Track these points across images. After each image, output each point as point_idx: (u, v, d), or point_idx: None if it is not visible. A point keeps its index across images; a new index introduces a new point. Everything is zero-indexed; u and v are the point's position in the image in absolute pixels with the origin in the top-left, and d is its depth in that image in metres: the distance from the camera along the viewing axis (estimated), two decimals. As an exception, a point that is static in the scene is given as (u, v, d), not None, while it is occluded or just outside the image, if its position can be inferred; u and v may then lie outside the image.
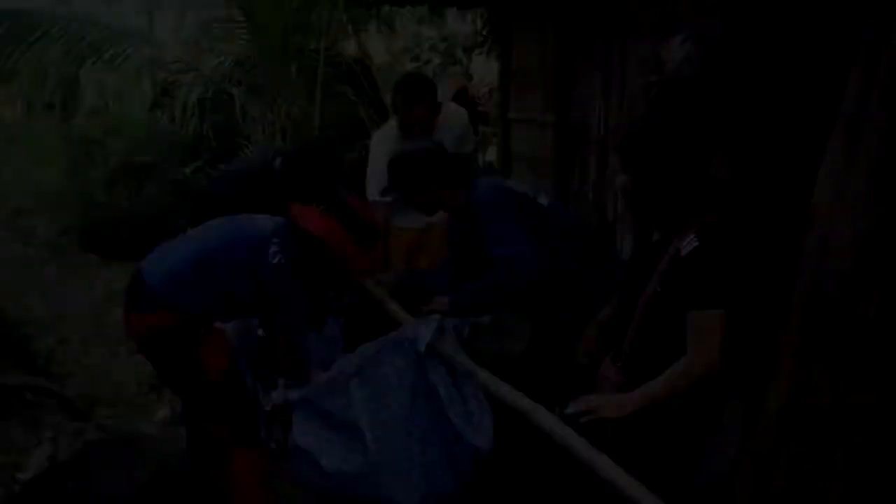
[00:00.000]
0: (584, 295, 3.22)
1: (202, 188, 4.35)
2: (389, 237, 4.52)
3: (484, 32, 9.56)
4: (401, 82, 4.25)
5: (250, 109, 7.02)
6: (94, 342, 5.36)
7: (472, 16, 12.29)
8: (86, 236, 7.33)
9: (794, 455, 2.69)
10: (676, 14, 4.66)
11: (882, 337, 2.45)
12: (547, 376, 3.36)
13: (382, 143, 4.29)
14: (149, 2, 11.03)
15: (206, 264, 3.11)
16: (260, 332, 3.47)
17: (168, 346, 3.09)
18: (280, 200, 3.72)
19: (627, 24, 5.27)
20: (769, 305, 2.63)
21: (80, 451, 2.84)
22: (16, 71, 6.56)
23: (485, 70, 14.52)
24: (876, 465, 2.55)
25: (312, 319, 3.40)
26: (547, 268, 3.23)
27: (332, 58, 7.21)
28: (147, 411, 4.51)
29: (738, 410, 4.23)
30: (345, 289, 3.83)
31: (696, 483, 3.01)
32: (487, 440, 3.51)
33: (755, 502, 2.84)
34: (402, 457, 3.67)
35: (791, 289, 2.83)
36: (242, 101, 7.05)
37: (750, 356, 2.80)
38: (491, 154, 9.76)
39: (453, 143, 4.39)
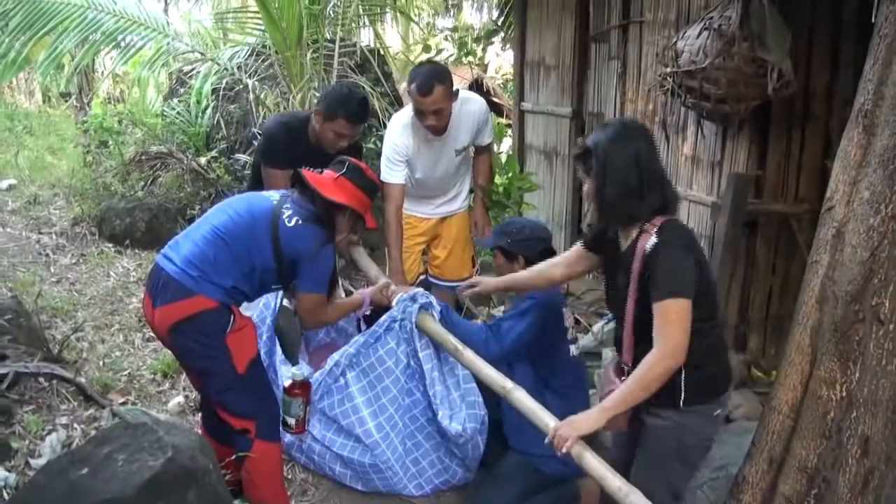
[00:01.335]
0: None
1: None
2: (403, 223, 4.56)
3: (499, 23, 9.53)
4: (415, 69, 4.25)
5: (265, 99, 7.02)
6: (109, 330, 5.39)
7: (487, 6, 12.26)
8: (101, 225, 7.34)
9: (807, 447, 2.68)
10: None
11: (897, 330, 2.44)
12: None
13: (397, 129, 4.33)
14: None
15: (225, 243, 3.13)
16: (285, 301, 3.49)
17: (199, 333, 3.09)
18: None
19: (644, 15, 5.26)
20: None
21: (93, 438, 2.84)
22: (30, 59, 6.57)
23: (500, 61, 14.52)
24: (889, 458, 2.54)
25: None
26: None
27: (348, 48, 7.22)
28: (161, 399, 4.54)
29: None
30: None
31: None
32: (458, 427, 3.55)
33: (768, 494, 2.84)
34: (407, 447, 3.70)
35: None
36: (257, 91, 7.05)
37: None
38: (506, 145, 9.73)
39: (472, 133, 4.42)
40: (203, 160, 7.80)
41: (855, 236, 2.53)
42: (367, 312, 3.74)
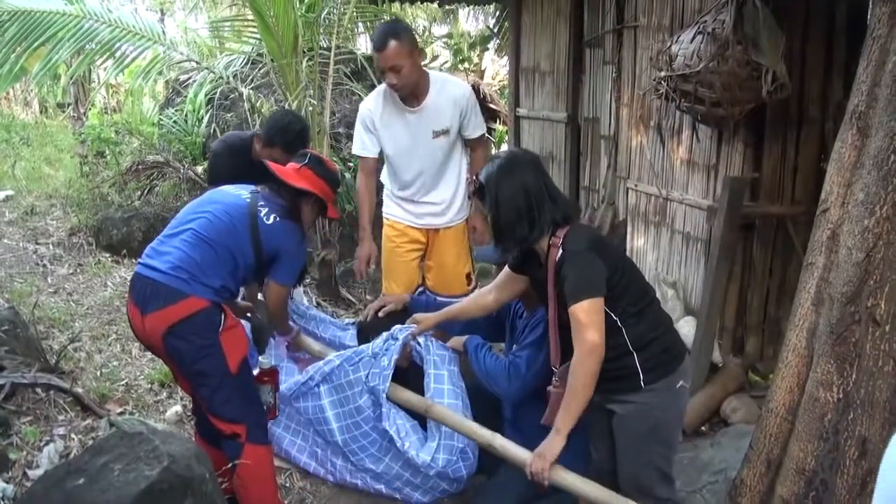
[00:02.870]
0: None
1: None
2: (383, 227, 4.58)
3: (494, 30, 9.55)
4: (377, 28, 4.30)
5: (261, 108, 7.03)
6: (106, 340, 5.38)
7: (483, 13, 12.29)
8: (98, 235, 7.33)
9: (805, 450, 2.68)
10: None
11: (892, 331, 2.43)
12: None
13: (369, 96, 4.36)
14: None
15: (208, 245, 3.17)
16: (259, 296, 3.59)
17: (194, 333, 3.09)
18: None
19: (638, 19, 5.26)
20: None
21: (89, 448, 2.84)
22: (26, 69, 6.57)
23: (496, 67, 14.55)
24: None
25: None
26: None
27: (344, 55, 7.21)
28: (158, 408, 4.53)
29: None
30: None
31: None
32: (426, 458, 3.55)
33: (766, 497, 2.84)
34: (395, 471, 3.69)
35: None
36: (253, 100, 7.05)
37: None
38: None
39: (454, 117, 4.27)
40: (199, 169, 7.81)
41: (850, 238, 2.53)
42: (287, 343, 3.92)
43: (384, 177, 4.55)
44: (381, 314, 3.90)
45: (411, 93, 4.16)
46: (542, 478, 2.86)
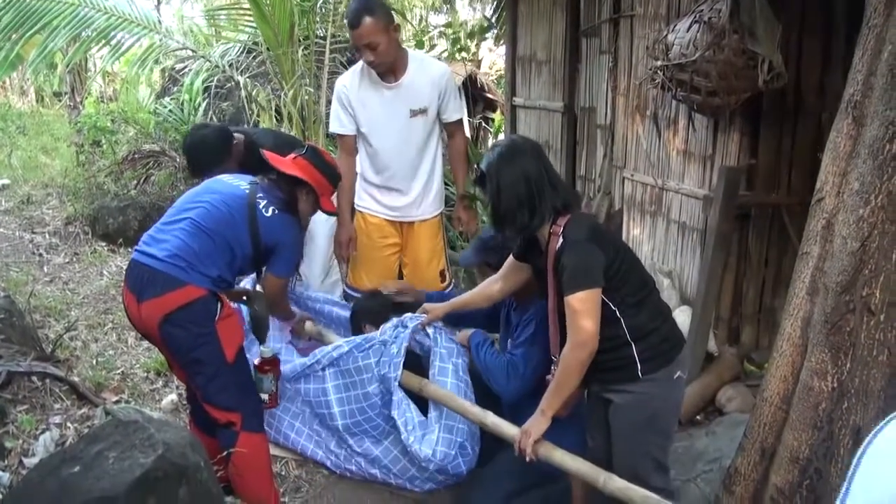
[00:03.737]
0: None
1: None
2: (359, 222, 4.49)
3: (492, 19, 9.52)
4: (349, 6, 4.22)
5: (257, 96, 7.01)
6: (102, 329, 5.38)
7: (481, 2, 12.25)
8: (94, 224, 7.33)
9: (799, 439, 2.68)
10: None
11: (886, 321, 2.44)
12: None
13: (345, 74, 4.31)
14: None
15: (207, 235, 3.17)
16: (258, 287, 3.60)
17: (190, 321, 3.10)
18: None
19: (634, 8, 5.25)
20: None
21: (85, 436, 2.84)
22: (22, 58, 6.56)
23: (493, 57, 14.52)
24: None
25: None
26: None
27: (339, 44, 7.20)
28: (154, 397, 4.54)
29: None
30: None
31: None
32: (427, 452, 3.54)
33: (760, 486, 2.84)
34: (394, 455, 3.70)
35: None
36: (249, 88, 7.04)
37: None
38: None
39: (433, 97, 4.22)
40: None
41: (845, 227, 2.53)
42: (290, 329, 3.93)
43: (357, 163, 4.42)
44: (396, 298, 3.96)
45: (389, 69, 4.10)
46: (529, 454, 2.89)
